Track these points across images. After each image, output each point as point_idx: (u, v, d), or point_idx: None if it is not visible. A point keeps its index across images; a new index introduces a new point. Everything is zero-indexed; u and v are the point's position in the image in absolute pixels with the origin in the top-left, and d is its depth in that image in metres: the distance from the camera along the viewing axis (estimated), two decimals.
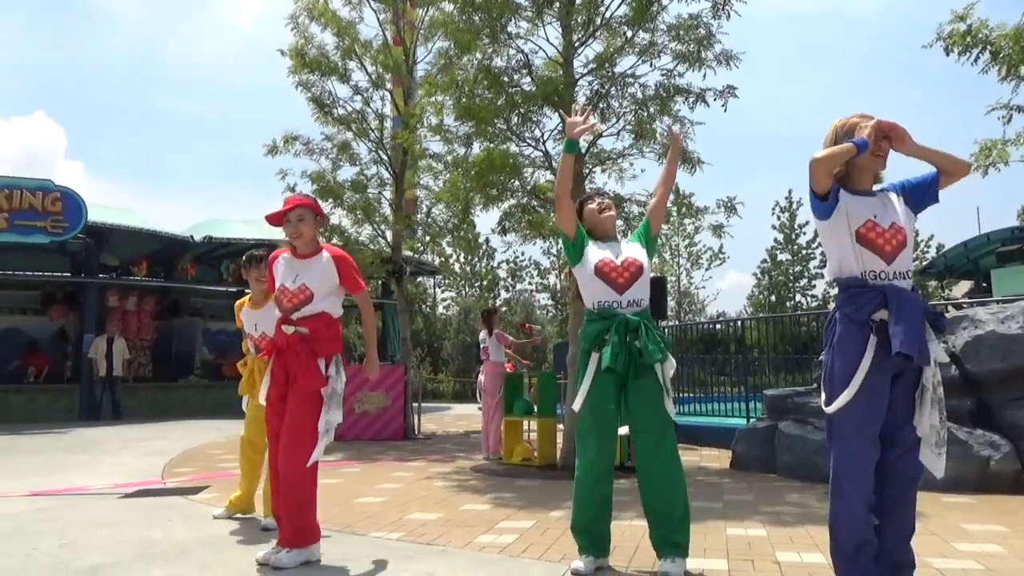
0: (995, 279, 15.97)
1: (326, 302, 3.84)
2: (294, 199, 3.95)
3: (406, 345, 12.39)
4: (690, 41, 7.29)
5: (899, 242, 2.84)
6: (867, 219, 2.86)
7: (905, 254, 2.86)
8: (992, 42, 6.95)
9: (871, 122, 2.84)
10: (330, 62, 11.55)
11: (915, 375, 2.85)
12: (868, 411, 2.80)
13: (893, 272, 2.83)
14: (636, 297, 3.56)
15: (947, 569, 3.47)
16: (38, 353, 16.60)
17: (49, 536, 4.31)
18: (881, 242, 2.83)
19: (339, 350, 3.87)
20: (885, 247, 2.83)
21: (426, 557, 3.78)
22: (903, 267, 2.85)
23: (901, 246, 2.85)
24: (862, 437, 2.81)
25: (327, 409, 3.75)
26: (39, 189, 14.21)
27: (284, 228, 3.88)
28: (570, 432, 7.34)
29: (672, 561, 3.39)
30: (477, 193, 7.74)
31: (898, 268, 2.84)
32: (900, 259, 2.84)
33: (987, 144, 7.12)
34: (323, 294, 3.82)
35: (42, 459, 8.34)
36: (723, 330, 15.48)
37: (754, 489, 6.00)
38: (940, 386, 2.82)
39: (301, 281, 3.81)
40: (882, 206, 2.90)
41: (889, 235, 2.84)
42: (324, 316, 3.82)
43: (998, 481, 5.60)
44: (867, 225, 2.85)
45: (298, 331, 3.77)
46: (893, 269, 2.83)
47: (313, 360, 3.73)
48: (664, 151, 7.52)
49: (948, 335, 6.51)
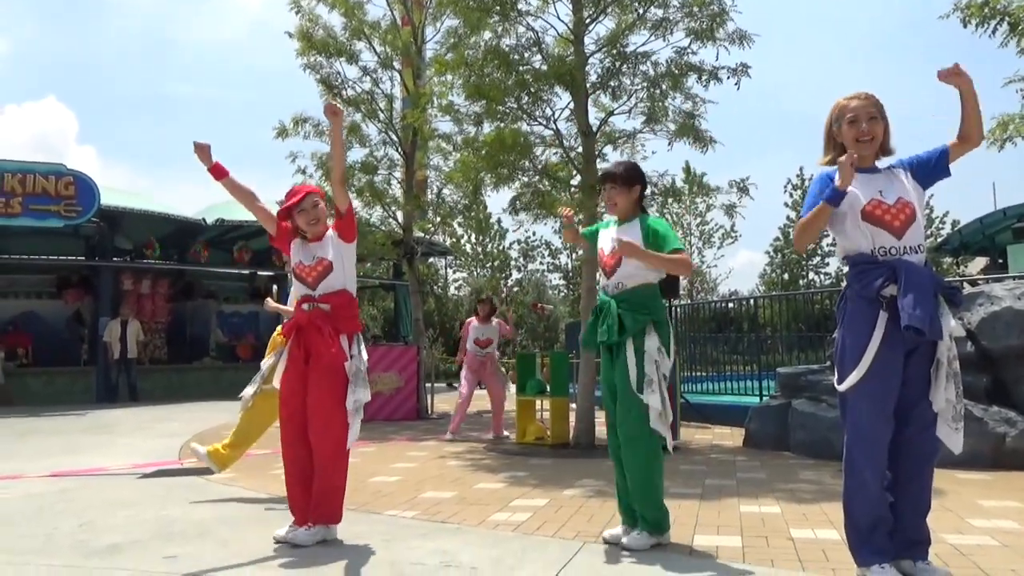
0: (1011, 255, 15.77)
1: (345, 275, 3.85)
2: (300, 188, 3.95)
3: (418, 326, 12.43)
4: (703, 18, 7.20)
5: (907, 216, 2.85)
6: (872, 197, 2.88)
7: (915, 228, 2.85)
8: (1011, 13, 6.82)
9: (843, 161, 2.84)
10: (338, 43, 11.49)
11: (929, 350, 2.84)
12: (880, 387, 2.80)
13: (904, 247, 2.83)
14: (618, 281, 3.68)
15: (962, 545, 3.47)
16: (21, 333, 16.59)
17: (69, 516, 4.37)
18: (888, 218, 2.85)
19: (359, 328, 3.90)
20: (893, 222, 2.84)
21: (441, 535, 3.81)
22: (914, 241, 2.84)
23: (910, 220, 2.85)
24: (875, 413, 2.81)
25: (353, 388, 3.76)
26: (52, 173, 14.26)
27: (299, 219, 3.85)
28: (583, 411, 7.36)
29: (630, 533, 3.52)
30: (488, 173, 7.70)
31: (909, 243, 2.84)
32: (910, 233, 2.84)
33: (1004, 119, 7.02)
34: (339, 263, 3.83)
35: (60, 440, 8.45)
36: (736, 309, 15.41)
37: (768, 467, 6.01)
38: (956, 360, 2.80)
39: (318, 256, 3.83)
40: (887, 182, 2.92)
41: (896, 210, 2.85)
42: (345, 293, 3.84)
43: (1014, 458, 5.58)
44: (872, 203, 2.87)
45: (319, 307, 3.78)
46: (904, 244, 2.83)
47: (336, 336, 3.75)
48: (676, 130, 7.45)
49: (964, 311, 6.46)
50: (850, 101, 2.98)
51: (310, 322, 3.77)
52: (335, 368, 3.73)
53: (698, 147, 7.50)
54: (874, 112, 2.95)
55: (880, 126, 2.97)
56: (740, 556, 3.36)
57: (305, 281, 3.86)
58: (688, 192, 23.63)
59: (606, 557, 3.38)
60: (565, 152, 7.82)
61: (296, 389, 3.78)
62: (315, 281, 3.81)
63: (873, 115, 2.95)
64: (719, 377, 11.02)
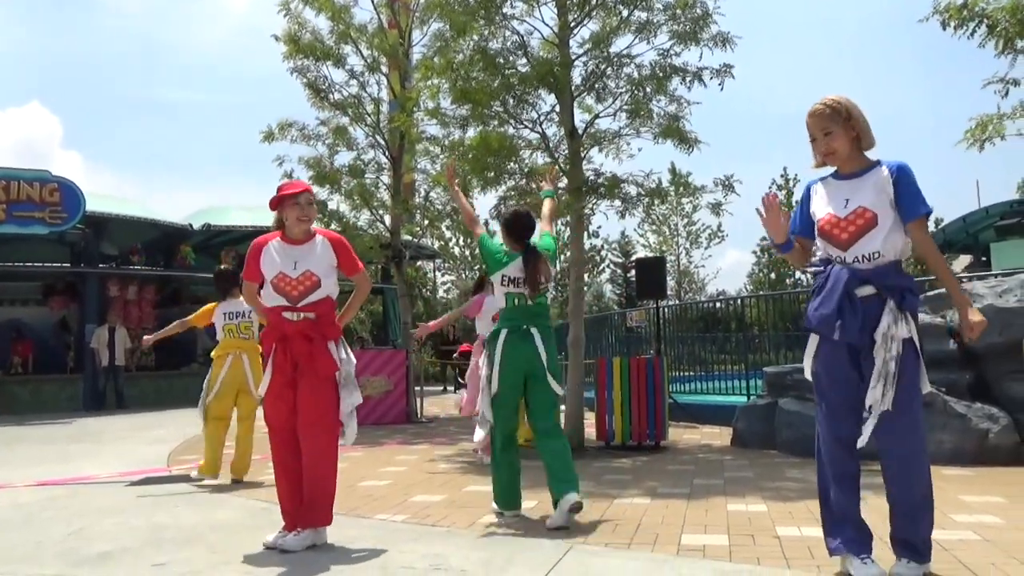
0: (994, 253, 15.96)
1: (330, 286, 3.85)
2: (302, 183, 3.96)
3: (407, 329, 12.42)
4: (686, 21, 7.26)
5: (859, 227, 2.92)
6: (828, 212, 3.01)
7: (870, 236, 2.91)
8: (989, 15, 6.90)
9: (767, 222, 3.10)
10: (325, 47, 11.47)
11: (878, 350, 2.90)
12: (826, 379, 3.04)
13: (852, 257, 2.94)
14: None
15: (945, 540, 3.52)
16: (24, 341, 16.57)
17: (58, 524, 4.36)
18: (836, 232, 2.96)
19: (341, 332, 3.89)
20: (841, 236, 2.96)
21: (431, 538, 3.83)
22: (866, 250, 2.92)
23: (862, 230, 2.92)
24: (827, 410, 3.03)
25: (346, 392, 3.77)
26: (37, 180, 14.17)
27: (290, 211, 3.81)
28: (572, 412, 7.39)
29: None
30: (474, 176, 7.73)
31: (858, 252, 2.93)
32: (862, 242, 2.92)
33: (983, 119, 7.10)
34: (327, 278, 3.82)
35: (48, 449, 8.41)
36: (723, 308, 15.50)
37: (755, 465, 6.06)
38: (893, 361, 2.84)
39: (304, 268, 3.78)
40: (857, 188, 2.97)
41: (846, 223, 2.94)
42: (329, 300, 3.84)
43: (997, 454, 5.65)
44: (825, 219, 3.01)
45: (306, 317, 3.77)
46: (851, 254, 2.94)
47: (325, 345, 3.75)
48: (661, 131, 7.50)
49: (946, 309, 6.54)
50: (808, 117, 3.02)
51: (298, 332, 3.74)
52: (327, 376, 3.74)
53: (683, 148, 7.56)
54: (827, 126, 2.97)
55: (839, 138, 2.97)
56: (727, 554, 3.40)
57: (288, 295, 3.78)
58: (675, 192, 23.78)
59: (594, 558, 3.41)
60: (551, 154, 7.85)
61: (285, 397, 3.76)
62: (299, 297, 3.77)
63: (827, 130, 2.97)
64: (707, 377, 11.09)
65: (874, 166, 3.00)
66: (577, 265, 7.94)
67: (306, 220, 3.85)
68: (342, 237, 3.99)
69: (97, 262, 16.01)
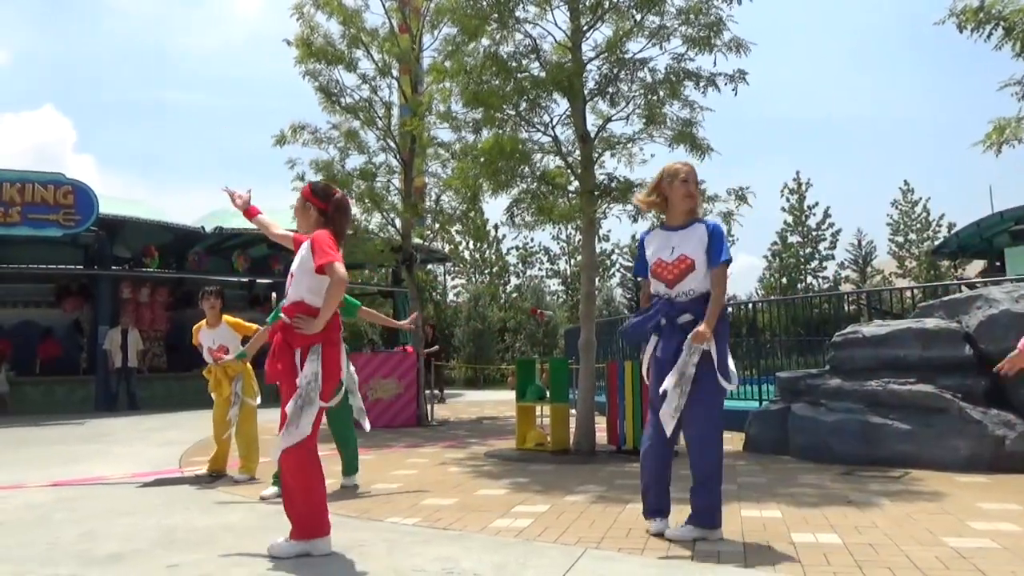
0: (1008, 258, 15.81)
1: (301, 290, 3.70)
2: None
3: (418, 332, 12.42)
4: (700, 26, 7.22)
5: (681, 270, 3.78)
6: (658, 258, 3.86)
7: (691, 277, 3.76)
8: (1006, 18, 6.85)
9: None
10: (336, 51, 11.51)
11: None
12: (656, 381, 3.85)
13: (675, 293, 3.81)
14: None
15: (962, 548, 3.48)
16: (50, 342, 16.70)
17: (70, 525, 4.37)
18: (663, 272, 3.84)
19: (314, 341, 3.62)
20: (667, 275, 3.83)
21: (443, 541, 3.81)
22: (686, 287, 3.78)
23: (685, 272, 3.78)
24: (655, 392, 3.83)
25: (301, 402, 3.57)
26: (51, 182, 14.28)
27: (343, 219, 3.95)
28: (583, 416, 7.37)
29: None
30: (486, 180, 7.72)
31: (681, 289, 3.79)
32: (685, 281, 3.78)
33: (1001, 123, 7.03)
34: (299, 282, 3.71)
35: (61, 450, 8.44)
36: (735, 313, 15.41)
37: (768, 471, 6.01)
38: (689, 365, 3.69)
39: (292, 268, 3.81)
40: (683, 239, 3.81)
41: (671, 265, 3.81)
42: (302, 304, 3.68)
43: (1013, 461, 5.59)
44: (655, 262, 3.87)
45: (283, 319, 3.72)
46: (675, 291, 3.81)
47: (288, 350, 3.65)
48: (674, 136, 7.47)
49: (962, 315, 6.48)
50: (682, 167, 3.88)
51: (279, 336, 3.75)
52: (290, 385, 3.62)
53: (695, 155, 7.52)
54: (697, 179, 3.88)
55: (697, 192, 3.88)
56: (742, 560, 3.37)
57: (286, 290, 3.87)
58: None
59: (608, 563, 3.39)
60: (563, 158, 7.83)
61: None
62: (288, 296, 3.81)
63: (697, 181, 3.87)
64: None
65: (698, 222, 3.84)
66: (588, 269, 7.91)
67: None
68: (321, 231, 3.75)
69: (110, 264, 16.10)
